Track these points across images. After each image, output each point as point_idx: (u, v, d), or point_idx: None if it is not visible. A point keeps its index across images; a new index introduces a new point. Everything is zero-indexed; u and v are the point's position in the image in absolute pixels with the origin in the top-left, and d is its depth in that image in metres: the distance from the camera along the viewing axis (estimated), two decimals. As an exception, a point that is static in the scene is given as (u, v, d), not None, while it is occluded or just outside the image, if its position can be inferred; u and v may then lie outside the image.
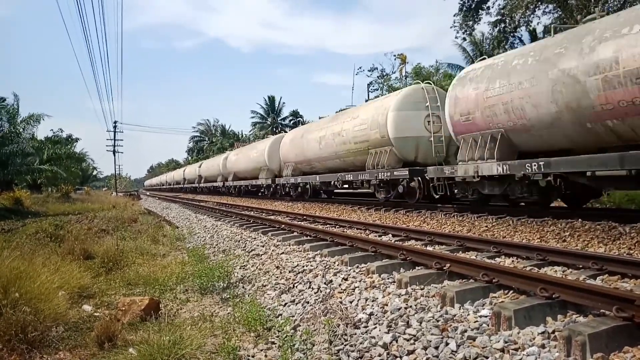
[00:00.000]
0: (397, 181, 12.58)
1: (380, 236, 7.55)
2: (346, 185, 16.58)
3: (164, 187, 65.41)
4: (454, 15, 22.26)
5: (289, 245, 7.38)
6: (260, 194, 25.30)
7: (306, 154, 18.73)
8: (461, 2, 21.62)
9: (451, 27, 22.65)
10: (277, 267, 6.20)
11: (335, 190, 18.54)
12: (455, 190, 10.79)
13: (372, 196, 14.98)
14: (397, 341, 3.28)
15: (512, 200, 10.09)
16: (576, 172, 7.44)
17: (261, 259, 7.01)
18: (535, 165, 7.91)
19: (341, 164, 16.19)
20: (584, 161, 7.21)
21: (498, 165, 8.74)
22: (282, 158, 21.66)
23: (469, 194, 10.44)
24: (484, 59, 10.28)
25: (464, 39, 24.39)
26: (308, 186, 18.99)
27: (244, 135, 64.37)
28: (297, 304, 4.69)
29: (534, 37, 23.42)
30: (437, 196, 11.34)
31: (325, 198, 19.25)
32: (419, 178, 11.90)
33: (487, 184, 9.53)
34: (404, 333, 3.36)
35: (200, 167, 42.42)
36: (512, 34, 22.08)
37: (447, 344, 3.09)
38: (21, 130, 28.36)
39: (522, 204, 9.73)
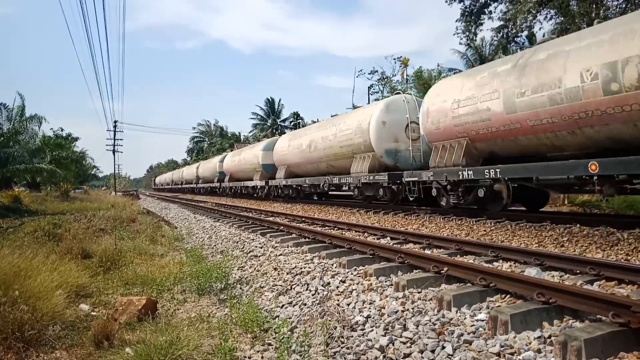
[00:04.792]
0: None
1: (378, 239, 7.55)
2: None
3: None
4: (456, 21, 22.36)
5: (287, 247, 7.39)
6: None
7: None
8: (462, 7, 21.71)
9: (454, 34, 22.74)
10: (275, 269, 6.20)
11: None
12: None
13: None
14: (393, 344, 3.28)
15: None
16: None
17: (259, 260, 7.01)
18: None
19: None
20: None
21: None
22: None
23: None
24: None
25: (468, 44, 24.45)
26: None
27: (244, 137, 64.41)
28: (294, 305, 4.70)
29: (532, 43, 23.49)
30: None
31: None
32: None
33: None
34: (401, 336, 3.37)
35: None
36: (514, 39, 22.15)
37: (443, 347, 3.09)
38: (23, 129, 28.38)
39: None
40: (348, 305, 4.27)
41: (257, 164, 24.46)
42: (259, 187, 24.33)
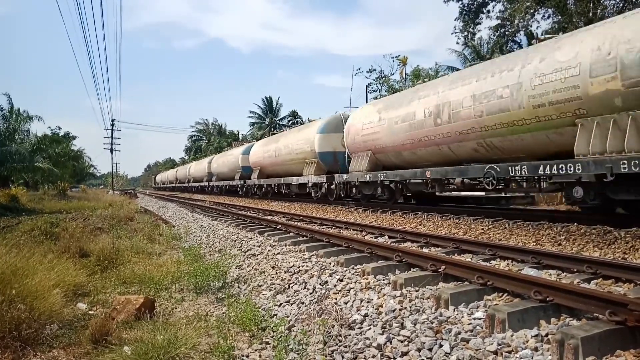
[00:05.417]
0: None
1: (376, 237, 7.56)
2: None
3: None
4: (455, 20, 22.38)
5: (285, 246, 7.39)
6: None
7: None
8: (461, 7, 21.72)
9: (452, 33, 22.76)
10: (273, 267, 6.20)
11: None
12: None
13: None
14: (391, 342, 3.29)
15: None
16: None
17: (257, 259, 7.01)
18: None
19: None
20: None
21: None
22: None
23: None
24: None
25: (465, 44, 24.45)
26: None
27: (242, 135, 64.33)
28: (292, 304, 4.70)
29: (531, 40, 23.56)
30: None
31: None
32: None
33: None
34: (398, 334, 3.37)
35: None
36: (512, 38, 22.18)
37: (440, 345, 3.10)
38: (18, 128, 28.33)
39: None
40: (346, 303, 4.28)
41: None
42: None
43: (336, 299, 4.48)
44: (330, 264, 5.79)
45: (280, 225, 9.72)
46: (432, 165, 11.02)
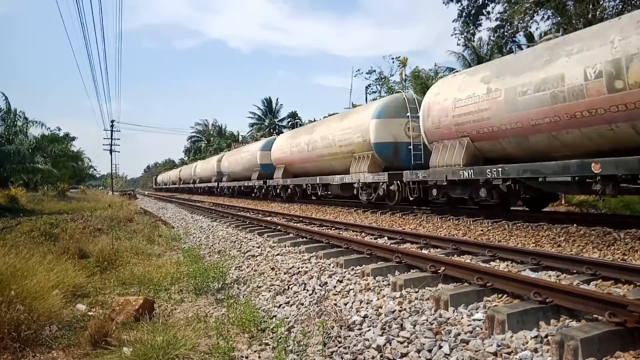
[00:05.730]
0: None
1: (376, 239, 7.56)
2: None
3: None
4: (454, 21, 22.40)
5: (285, 247, 7.39)
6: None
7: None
8: (460, 8, 21.76)
9: (452, 35, 22.78)
10: (273, 269, 6.20)
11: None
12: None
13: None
14: (390, 344, 3.28)
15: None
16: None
17: (256, 260, 7.00)
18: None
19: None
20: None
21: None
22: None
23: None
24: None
25: (465, 45, 24.47)
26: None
27: (242, 137, 64.33)
28: (291, 305, 4.69)
29: (531, 41, 23.60)
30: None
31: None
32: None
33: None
34: (398, 336, 3.37)
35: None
36: (511, 39, 22.19)
37: (440, 347, 3.10)
38: (15, 128, 28.35)
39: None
40: (345, 305, 4.27)
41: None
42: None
43: (336, 300, 4.48)
44: (329, 265, 5.79)
45: (279, 227, 9.72)
46: (583, 155, 7.43)
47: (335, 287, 4.87)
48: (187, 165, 54.93)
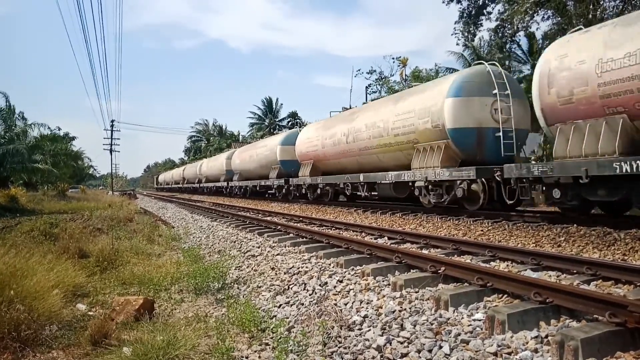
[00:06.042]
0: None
1: (376, 239, 7.56)
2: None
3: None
4: (455, 23, 22.42)
5: (285, 247, 7.38)
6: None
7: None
8: (461, 9, 21.77)
9: (452, 35, 22.80)
10: (273, 269, 6.20)
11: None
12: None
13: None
14: (390, 344, 3.28)
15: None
16: None
17: (257, 260, 7.00)
18: None
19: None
20: None
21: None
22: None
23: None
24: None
25: (465, 45, 24.48)
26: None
27: (242, 137, 64.35)
28: (291, 305, 4.69)
29: (531, 41, 23.70)
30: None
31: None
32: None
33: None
34: (398, 336, 3.37)
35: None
36: (511, 39, 22.22)
37: (440, 347, 3.09)
38: (15, 127, 28.40)
39: None
40: (345, 305, 4.27)
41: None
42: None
43: (336, 300, 4.48)
44: (329, 265, 5.79)
45: (279, 226, 9.72)
46: None
47: (335, 287, 4.86)
48: (191, 164, 51.98)
